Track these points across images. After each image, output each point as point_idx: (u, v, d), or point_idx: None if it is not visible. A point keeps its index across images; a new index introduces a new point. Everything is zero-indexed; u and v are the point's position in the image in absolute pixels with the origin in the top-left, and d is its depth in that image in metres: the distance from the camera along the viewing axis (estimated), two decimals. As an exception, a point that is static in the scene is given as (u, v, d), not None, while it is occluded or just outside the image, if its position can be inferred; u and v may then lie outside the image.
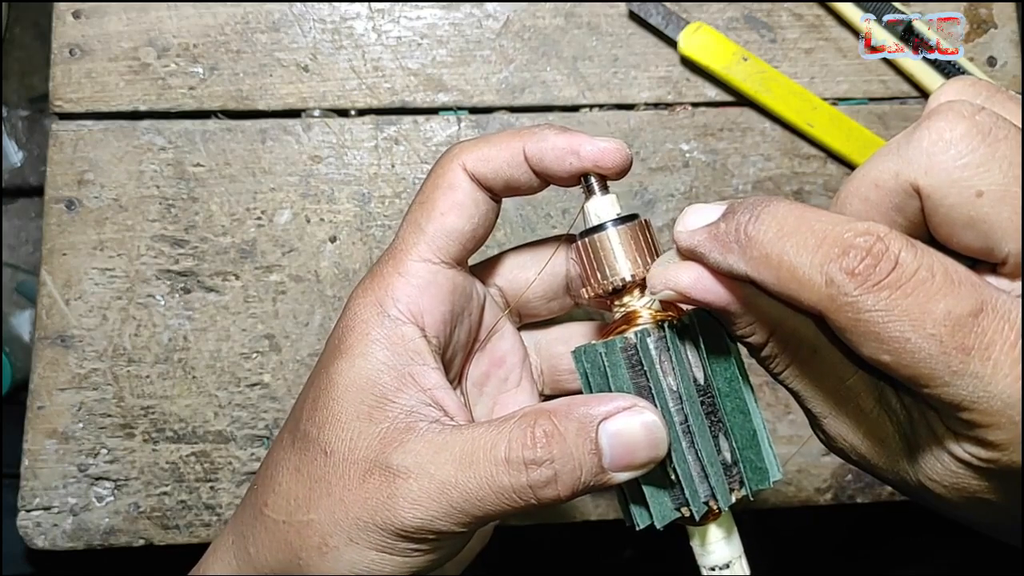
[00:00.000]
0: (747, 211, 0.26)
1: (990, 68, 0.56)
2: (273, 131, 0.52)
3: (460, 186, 0.33)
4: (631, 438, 0.29)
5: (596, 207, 0.32)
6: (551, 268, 0.37)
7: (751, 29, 0.55)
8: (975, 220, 0.25)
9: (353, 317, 0.33)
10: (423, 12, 0.54)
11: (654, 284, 0.29)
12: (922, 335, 0.23)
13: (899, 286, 0.23)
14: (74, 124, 0.52)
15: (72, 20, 0.52)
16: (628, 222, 0.32)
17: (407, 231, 0.34)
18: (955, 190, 0.25)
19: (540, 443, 0.29)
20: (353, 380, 0.32)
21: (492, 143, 0.33)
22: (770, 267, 0.25)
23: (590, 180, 0.32)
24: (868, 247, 0.24)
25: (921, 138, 0.26)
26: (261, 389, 0.51)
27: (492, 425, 0.30)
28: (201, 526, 0.50)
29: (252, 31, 0.53)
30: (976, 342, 0.23)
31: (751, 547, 0.38)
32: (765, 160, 0.54)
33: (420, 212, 0.34)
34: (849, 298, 0.24)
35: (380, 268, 0.34)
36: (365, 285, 0.34)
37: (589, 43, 0.54)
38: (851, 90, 0.55)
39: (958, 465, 0.26)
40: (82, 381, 0.50)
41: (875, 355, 0.24)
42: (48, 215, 0.51)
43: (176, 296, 0.51)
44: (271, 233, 0.52)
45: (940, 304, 0.23)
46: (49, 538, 0.50)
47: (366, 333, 0.33)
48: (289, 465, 0.33)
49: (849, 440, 0.29)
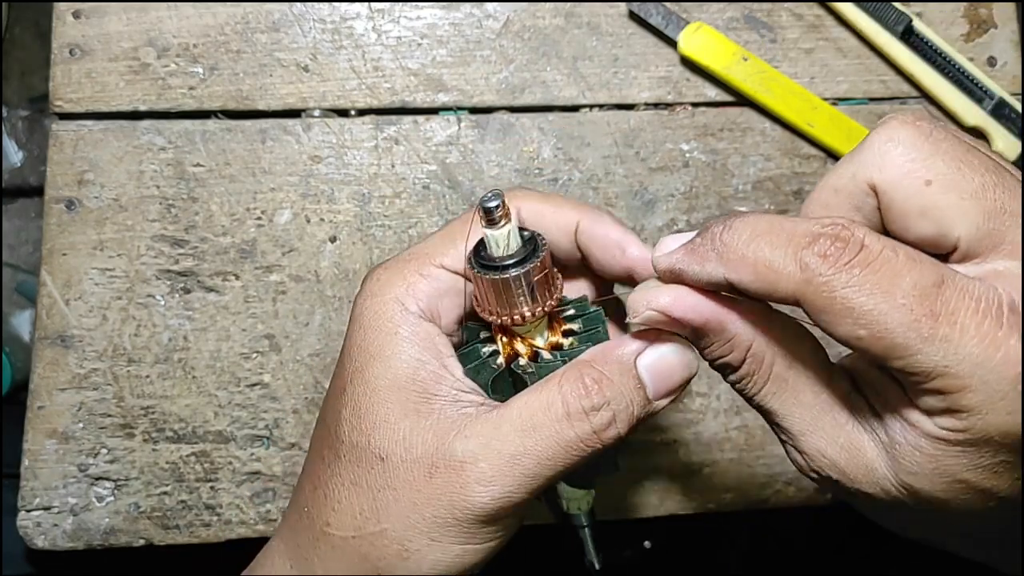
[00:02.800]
0: (720, 223, 0.28)
1: (990, 68, 0.56)
2: (273, 131, 0.52)
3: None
4: (666, 364, 0.32)
5: (497, 238, 0.31)
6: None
7: (751, 29, 0.55)
8: (926, 208, 0.28)
9: (376, 316, 0.33)
10: (423, 12, 0.54)
11: (635, 308, 0.30)
12: (893, 305, 0.25)
13: (867, 264, 0.26)
14: (74, 124, 0.52)
15: (72, 20, 0.52)
16: (530, 260, 0.31)
17: (440, 239, 0.34)
18: (907, 181, 0.28)
19: (593, 390, 0.31)
20: (393, 380, 0.32)
21: (551, 202, 0.35)
22: (747, 265, 0.27)
23: (491, 210, 0.31)
24: (835, 234, 0.26)
25: (872, 141, 0.29)
26: (261, 389, 0.51)
27: (539, 390, 0.31)
28: (201, 526, 0.50)
29: (252, 31, 0.53)
30: (942, 308, 0.25)
31: (751, 547, 0.38)
32: (765, 160, 0.54)
33: (458, 227, 0.34)
34: (823, 278, 0.26)
35: (401, 268, 0.34)
36: (383, 281, 0.34)
37: (589, 43, 0.54)
38: (851, 90, 0.55)
39: (935, 445, 0.27)
40: (82, 381, 0.50)
41: (851, 332, 0.26)
42: (48, 215, 0.51)
43: (176, 296, 0.51)
44: (271, 233, 0.52)
45: (906, 278, 0.25)
46: (49, 538, 0.50)
47: (394, 332, 0.33)
48: (343, 480, 0.32)
49: (828, 455, 0.30)
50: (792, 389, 0.30)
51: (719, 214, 0.54)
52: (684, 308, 0.30)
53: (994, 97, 0.53)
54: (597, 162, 0.53)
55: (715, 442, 0.53)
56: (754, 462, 0.53)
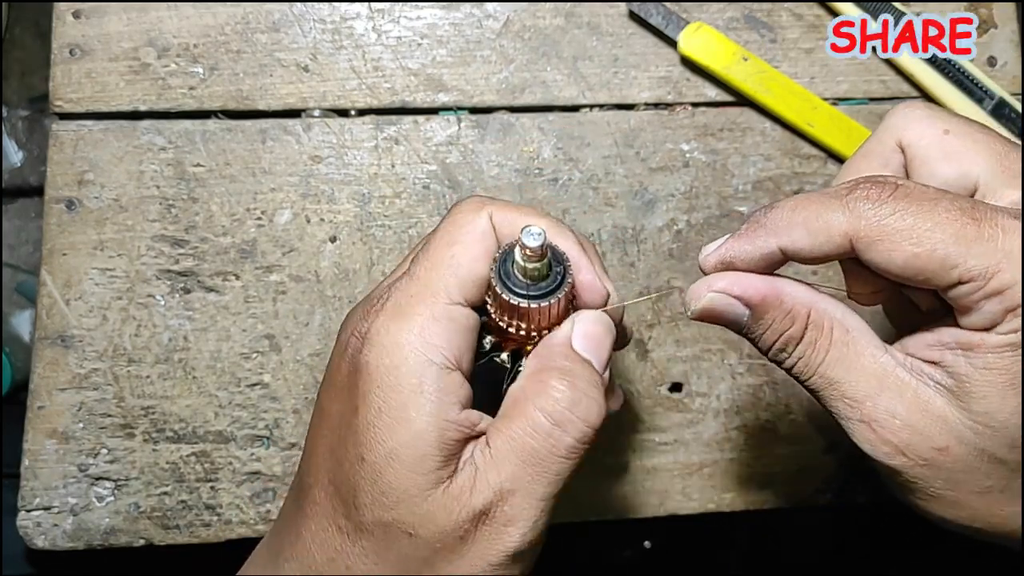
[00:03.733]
0: (759, 209, 0.32)
1: (990, 68, 0.56)
2: (273, 131, 0.52)
3: (490, 235, 0.33)
4: (594, 332, 0.33)
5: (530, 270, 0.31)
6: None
7: (751, 29, 0.55)
8: (947, 152, 0.32)
9: (395, 374, 0.30)
10: (423, 12, 0.54)
11: (696, 296, 0.32)
12: (938, 220, 0.28)
13: (907, 195, 0.29)
14: (74, 124, 0.52)
15: (72, 20, 0.52)
16: (560, 290, 0.32)
17: (437, 271, 0.32)
18: (929, 131, 0.33)
19: (560, 388, 0.31)
20: (418, 449, 0.30)
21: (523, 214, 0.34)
22: (796, 226, 0.30)
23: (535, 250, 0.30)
24: (872, 180, 0.30)
25: (894, 112, 0.34)
26: (261, 389, 0.51)
27: (516, 416, 0.31)
28: (201, 526, 0.50)
29: (252, 31, 0.53)
30: (981, 216, 0.28)
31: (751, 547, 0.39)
32: (765, 160, 0.54)
33: (448, 253, 0.32)
34: (872, 210, 0.29)
35: (408, 307, 0.31)
36: (395, 332, 0.31)
37: (589, 43, 0.54)
38: (851, 90, 0.55)
39: (1002, 355, 0.29)
40: (82, 381, 0.50)
41: (908, 252, 0.28)
42: (48, 215, 0.51)
43: (176, 296, 0.51)
44: (271, 233, 0.52)
45: (943, 200, 0.29)
46: (49, 538, 0.50)
47: (419, 390, 0.30)
48: (367, 558, 0.31)
49: (900, 414, 0.30)
50: (854, 353, 0.31)
51: (719, 214, 0.54)
52: (743, 286, 0.31)
53: (994, 97, 0.53)
54: (597, 162, 0.53)
55: (715, 442, 0.53)
56: (754, 462, 0.53)
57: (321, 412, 0.34)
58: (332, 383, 0.33)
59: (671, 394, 0.53)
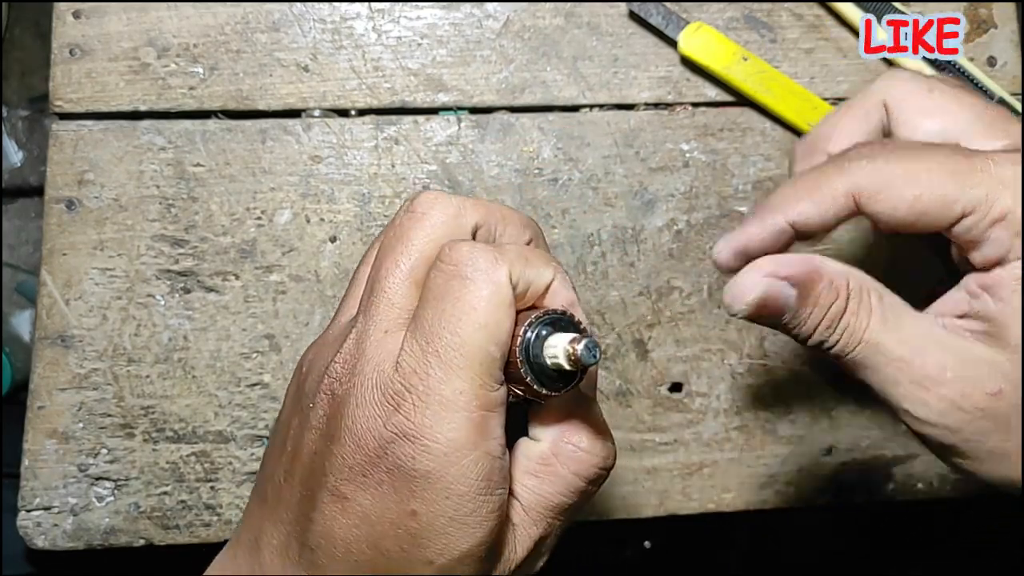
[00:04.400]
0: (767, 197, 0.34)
1: (990, 68, 0.56)
2: (273, 131, 0.52)
3: (513, 303, 0.30)
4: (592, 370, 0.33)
5: (566, 372, 0.29)
6: None
7: (751, 29, 0.55)
8: (932, 108, 0.33)
9: (464, 478, 0.28)
10: (423, 12, 0.54)
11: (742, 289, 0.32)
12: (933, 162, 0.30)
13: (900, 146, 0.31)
14: (74, 124, 0.52)
15: (72, 20, 0.52)
16: (582, 375, 0.30)
17: (478, 358, 0.28)
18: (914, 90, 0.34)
19: (591, 451, 0.31)
20: (490, 542, 0.30)
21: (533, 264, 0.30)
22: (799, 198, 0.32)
23: (584, 363, 0.28)
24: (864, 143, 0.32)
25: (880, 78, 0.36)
26: (261, 389, 0.51)
27: (550, 478, 0.31)
28: (201, 526, 0.50)
29: (252, 31, 0.53)
30: (971, 154, 0.30)
31: (751, 547, 0.39)
32: (765, 160, 0.54)
33: (483, 337, 0.28)
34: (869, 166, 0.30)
35: (459, 404, 0.28)
36: (448, 428, 0.28)
37: (589, 43, 0.54)
38: (851, 90, 0.55)
39: (1019, 282, 0.30)
40: (82, 381, 0.50)
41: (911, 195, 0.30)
42: (48, 215, 0.51)
43: (176, 296, 0.51)
44: (271, 233, 0.52)
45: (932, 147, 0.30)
46: (49, 538, 0.50)
47: (488, 490, 0.29)
48: None
49: (951, 367, 0.31)
50: (895, 315, 0.32)
51: (719, 214, 0.54)
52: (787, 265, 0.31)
53: (994, 97, 0.53)
54: (597, 162, 0.53)
55: (715, 442, 0.53)
56: (754, 462, 0.53)
57: (338, 496, 0.30)
58: (355, 468, 0.29)
59: (671, 394, 0.53)
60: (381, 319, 0.31)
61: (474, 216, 0.32)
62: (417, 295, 0.30)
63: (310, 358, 0.33)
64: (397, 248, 0.31)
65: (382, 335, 0.30)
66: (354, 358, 0.30)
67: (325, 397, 0.31)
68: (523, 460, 0.32)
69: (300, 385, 0.33)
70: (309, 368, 0.33)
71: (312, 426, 0.31)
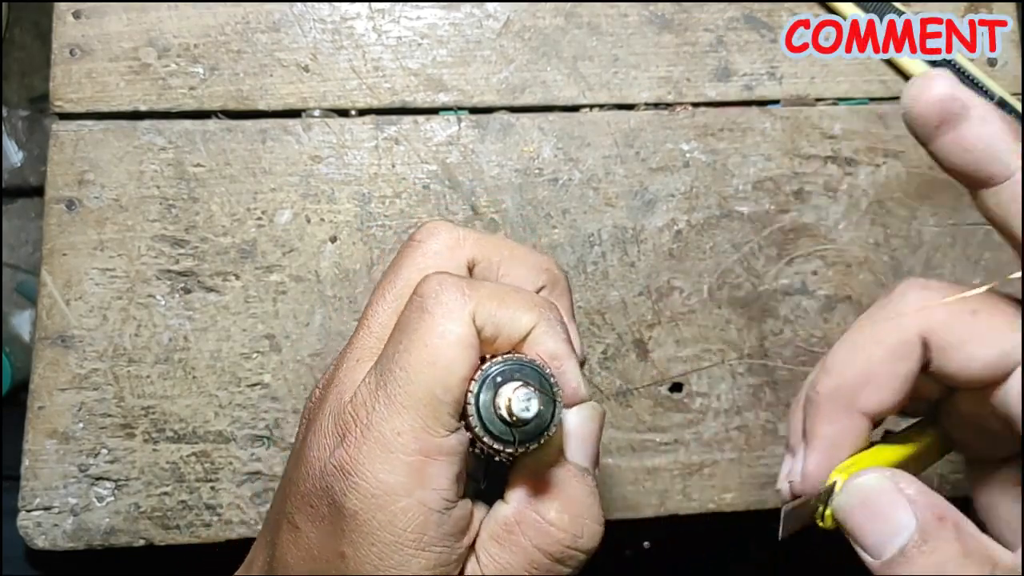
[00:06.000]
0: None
1: (990, 68, 0.56)
2: (273, 131, 0.52)
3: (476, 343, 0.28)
4: (588, 432, 0.30)
5: (518, 420, 0.27)
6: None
7: (751, 29, 0.55)
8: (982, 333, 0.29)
9: (390, 526, 0.27)
10: (423, 12, 0.54)
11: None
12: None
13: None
14: (74, 124, 0.52)
15: (72, 20, 0.52)
16: (546, 431, 0.27)
17: (425, 399, 0.27)
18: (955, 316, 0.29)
19: (559, 526, 0.29)
20: None
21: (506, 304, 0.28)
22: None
23: (519, 418, 0.26)
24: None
25: (905, 296, 0.31)
26: (261, 389, 0.51)
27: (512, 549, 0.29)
28: (202, 526, 0.50)
29: (252, 31, 0.53)
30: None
31: (752, 547, 0.38)
32: (765, 160, 0.54)
33: (433, 375, 0.27)
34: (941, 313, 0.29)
35: (397, 445, 0.27)
36: (381, 469, 0.26)
37: (589, 43, 0.54)
38: (851, 90, 0.55)
39: None
40: (82, 381, 0.50)
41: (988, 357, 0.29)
42: (48, 215, 0.51)
43: (176, 296, 0.51)
44: (271, 233, 0.52)
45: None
46: (49, 538, 0.50)
47: (420, 544, 0.27)
48: None
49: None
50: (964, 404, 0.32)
51: (719, 214, 0.54)
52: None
53: (994, 97, 0.54)
54: (597, 162, 0.53)
55: (715, 442, 0.53)
56: (754, 462, 0.53)
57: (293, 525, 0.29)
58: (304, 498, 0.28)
59: (671, 394, 0.53)
60: (357, 347, 0.30)
61: (473, 250, 0.30)
62: None
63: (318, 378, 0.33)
64: (388, 276, 0.30)
65: (354, 363, 0.29)
66: (327, 385, 0.30)
67: (304, 422, 0.31)
68: (491, 523, 0.29)
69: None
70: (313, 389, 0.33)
71: (292, 450, 0.31)
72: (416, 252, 0.30)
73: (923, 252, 0.54)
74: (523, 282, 0.31)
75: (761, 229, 0.54)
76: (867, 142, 0.54)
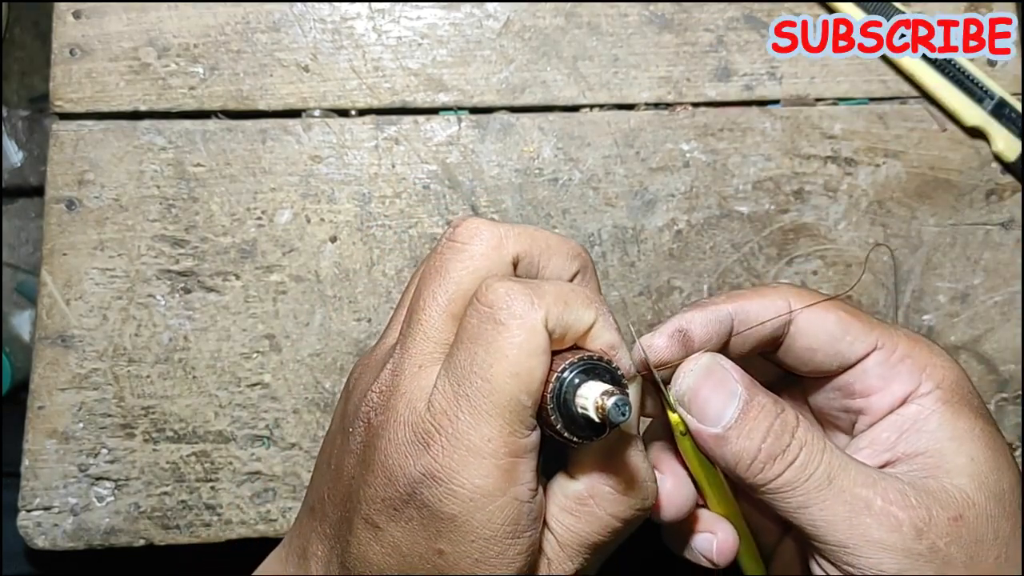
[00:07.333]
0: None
1: (990, 68, 0.56)
2: (273, 131, 0.52)
3: (549, 347, 0.29)
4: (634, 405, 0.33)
5: (596, 423, 0.29)
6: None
7: (751, 29, 0.55)
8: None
9: (488, 524, 0.28)
10: (423, 12, 0.54)
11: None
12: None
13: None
14: (74, 124, 0.52)
15: (72, 20, 0.52)
16: (613, 426, 0.29)
17: (508, 406, 0.28)
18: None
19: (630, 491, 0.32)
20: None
21: (572, 306, 0.30)
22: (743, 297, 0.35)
23: (612, 421, 0.27)
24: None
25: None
26: (261, 389, 0.51)
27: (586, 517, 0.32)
28: (202, 526, 0.50)
29: (252, 31, 0.53)
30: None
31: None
32: (765, 160, 0.54)
33: (515, 386, 0.28)
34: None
35: (486, 449, 0.28)
36: (474, 474, 0.28)
37: (589, 43, 0.54)
38: (851, 90, 0.55)
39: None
40: (82, 381, 0.50)
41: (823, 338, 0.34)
42: (48, 215, 0.51)
43: (176, 296, 0.51)
44: (271, 233, 0.52)
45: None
46: (49, 538, 0.50)
47: (515, 534, 0.29)
48: None
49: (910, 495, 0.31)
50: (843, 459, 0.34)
51: (719, 214, 0.54)
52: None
53: (994, 97, 0.53)
54: (597, 162, 0.53)
55: (715, 442, 0.53)
56: (754, 462, 0.53)
57: (372, 525, 0.30)
58: (387, 502, 0.30)
59: (671, 394, 0.53)
60: (417, 353, 0.31)
61: (516, 247, 0.31)
62: (454, 328, 0.30)
63: (355, 376, 0.34)
64: (436, 279, 0.31)
65: (416, 369, 0.30)
66: (389, 390, 0.31)
67: (362, 424, 0.31)
68: (560, 497, 0.32)
69: (346, 402, 0.34)
70: (354, 387, 0.33)
71: (351, 450, 0.31)
72: (462, 255, 0.31)
73: (923, 252, 0.54)
74: (561, 272, 0.33)
75: (761, 229, 0.54)
76: (867, 142, 0.54)
